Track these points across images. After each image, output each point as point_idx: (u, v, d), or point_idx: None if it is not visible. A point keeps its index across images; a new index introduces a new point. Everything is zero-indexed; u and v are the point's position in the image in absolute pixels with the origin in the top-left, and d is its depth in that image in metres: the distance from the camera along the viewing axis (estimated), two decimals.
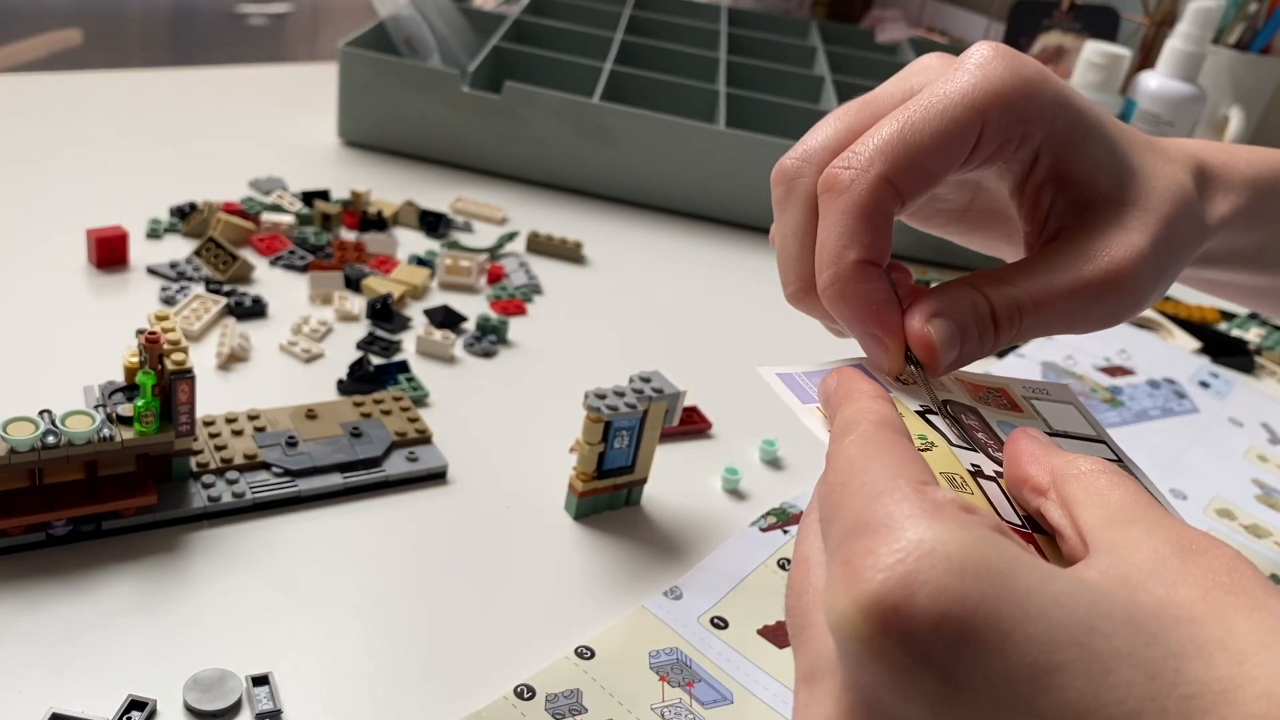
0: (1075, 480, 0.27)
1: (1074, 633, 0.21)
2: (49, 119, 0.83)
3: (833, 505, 0.25)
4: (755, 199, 0.84)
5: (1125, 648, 0.21)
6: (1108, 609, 0.22)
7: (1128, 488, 0.26)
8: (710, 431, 0.59)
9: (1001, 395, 0.35)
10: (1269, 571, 0.55)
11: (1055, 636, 0.21)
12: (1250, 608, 0.22)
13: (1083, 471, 0.27)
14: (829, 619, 0.23)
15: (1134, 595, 0.22)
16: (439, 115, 0.84)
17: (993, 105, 0.32)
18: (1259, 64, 1.01)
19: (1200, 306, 0.85)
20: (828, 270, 0.33)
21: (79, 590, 0.41)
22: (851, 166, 0.32)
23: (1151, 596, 0.23)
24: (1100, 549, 0.25)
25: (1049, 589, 0.22)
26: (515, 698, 0.40)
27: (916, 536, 0.22)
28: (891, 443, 0.27)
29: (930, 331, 0.32)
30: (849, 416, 0.29)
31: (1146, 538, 0.24)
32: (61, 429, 0.41)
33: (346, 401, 0.54)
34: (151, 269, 0.64)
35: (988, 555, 0.22)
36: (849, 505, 0.24)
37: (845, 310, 0.33)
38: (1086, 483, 0.27)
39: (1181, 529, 0.25)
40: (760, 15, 1.16)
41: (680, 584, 0.47)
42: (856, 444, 0.27)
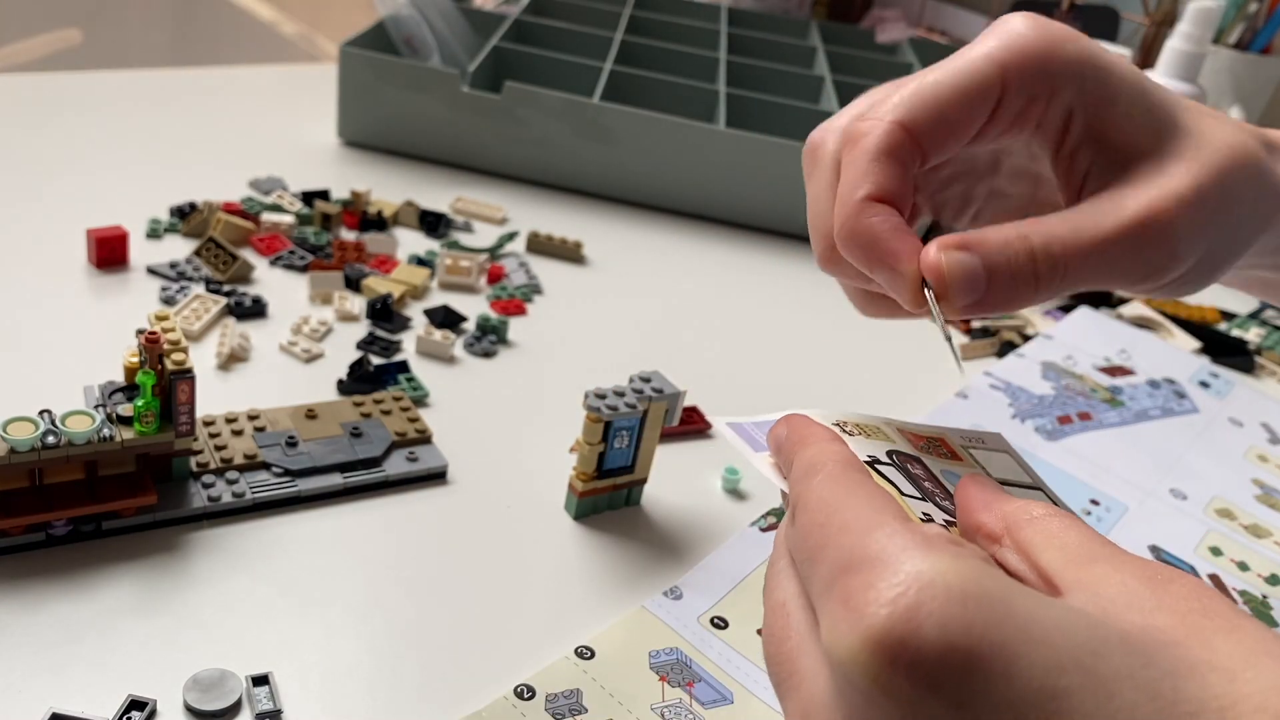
0: (1029, 525, 0.27)
1: (1077, 656, 0.21)
2: (49, 119, 0.83)
3: (814, 545, 0.25)
4: (755, 199, 0.84)
5: (1125, 669, 0.21)
6: (1104, 633, 0.22)
7: (1081, 530, 0.26)
8: (710, 431, 0.59)
9: (941, 445, 0.35)
10: (1269, 571, 0.55)
11: (1060, 661, 0.21)
12: (1227, 630, 0.22)
13: (1035, 516, 0.27)
14: (832, 658, 0.23)
15: (1119, 623, 0.23)
16: (439, 115, 0.84)
17: (1014, 60, 0.32)
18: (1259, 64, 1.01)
19: (1200, 307, 0.85)
20: (840, 213, 0.32)
21: (79, 590, 0.41)
22: (869, 118, 0.32)
23: (1133, 624, 0.23)
24: (1070, 587, 0.25)
25: (1048, 614, 0.22)
26: (515, 698, 0.40)
27: (915, 569, 0.22)
28: (862, 481, 0.27)
29: (942, 260, 0.31)
30: (810, 459, 0.29)
31: (1113, 573, 0.24)
32: (61, 429, 0.41)
33: (346, 401, 0.54)
34: (151, 269, 0.64)
35: (986, 584, 0.22)
36: (835, 543, 0.24)
37: (855, 247, 0.32)
38: (1041, 526, 0.27)
39: (1144, 563, 0.25)
40: (760, 15, 1.16)
41: (680, 584, 0.47)
42: (826, 484, 0.27)
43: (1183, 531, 0.57)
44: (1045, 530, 0.27)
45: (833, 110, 0.90)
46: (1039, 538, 0.26)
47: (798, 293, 0.77)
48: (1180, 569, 0.25)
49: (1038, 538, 0.26)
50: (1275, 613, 0.52)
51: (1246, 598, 0.52)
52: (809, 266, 0.81)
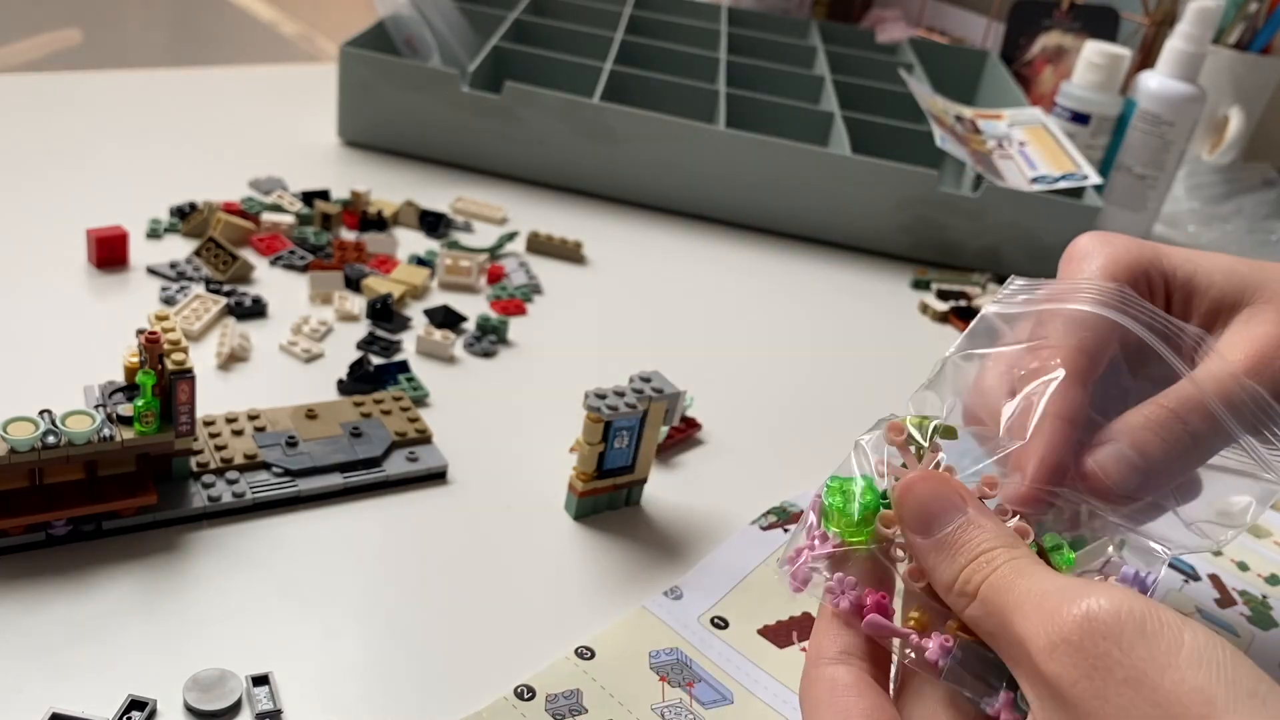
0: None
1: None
2: (49, 119, 0.83)
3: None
4: (755, 199, 0.84)
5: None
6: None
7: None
8: (709, 431, 0.59)
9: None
10: (1269, 571, 0.55)
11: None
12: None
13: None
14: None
15: None
16: (439, 115, 0.84)
17: (1124, 274, 0.37)
18: (1259, 64, 1.01)
19: None
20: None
21: (79, 590, 0.41)
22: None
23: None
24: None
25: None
26: (515, 698, 0.40)
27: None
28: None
29: (1093, 465, 0.33)
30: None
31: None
32: (61, 429, 0.41)
33: (346, 401, 0.54)
34: (151, 269, 0.64)
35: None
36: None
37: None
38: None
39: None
40: (760, 15, 1.16)
41: (680, 584, 0.47)
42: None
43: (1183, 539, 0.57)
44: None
45: (832, 110, 0.90)
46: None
47: (798, 292, 0.77)
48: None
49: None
50: (1275, 613, 0.52)
51: (1246, 598, 0.52)
52: (809, 266, 0.81)
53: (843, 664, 0.30)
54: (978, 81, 1.14)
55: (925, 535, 0.30)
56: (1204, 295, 0.38)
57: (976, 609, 0.28)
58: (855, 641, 0.31)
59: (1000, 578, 0.27)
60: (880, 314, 0.75)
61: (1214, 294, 0.38)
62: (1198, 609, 0.51)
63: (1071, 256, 0.39)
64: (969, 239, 0.82)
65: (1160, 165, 0.95)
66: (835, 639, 0.31)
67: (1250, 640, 0.50)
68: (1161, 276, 0.39)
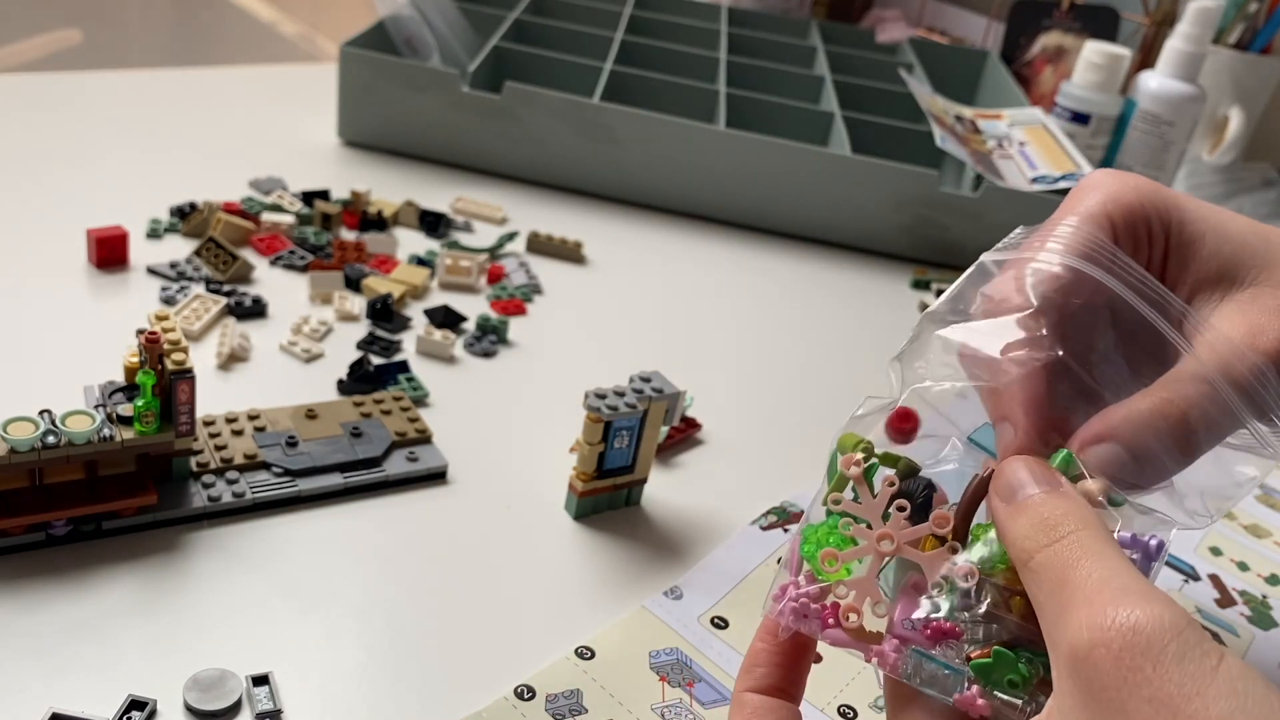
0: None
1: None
2: (49, 119, 0.83)
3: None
4: (755, 199, 0.84)
5: None
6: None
7: None
8: (709, 431, 0.59)
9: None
10: (1269, 571, 0.55)
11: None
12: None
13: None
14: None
15: None
16: (439, 115, 0.84)
17: (1119, 211, 0.36)
18: (1259, 64, 1.01)
19: None
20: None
21: (79, 590, 0.41)
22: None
23: None
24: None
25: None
26: (515, 698, 0.40)
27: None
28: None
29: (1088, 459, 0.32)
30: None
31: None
32: (61, 429, 0.41)
33: (346, 401, 0.54)
34: (151, 269, 0.64)
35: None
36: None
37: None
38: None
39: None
40: (760, 15, 1.16)
41: (680, 584, 0.47)
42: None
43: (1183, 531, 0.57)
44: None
45: (832, 110, 0.90)
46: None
47: (798, 292, 0.77)
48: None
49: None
50: (1275, 613, 0.52)
51: (1246, 598, 0.52)
52: (809, 266, 0.81)
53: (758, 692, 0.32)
54: (978, 81, 1.14)
55: (1008, 501, 0.30)
56: (1206, 261, 0.36)
57: (1037, 570, 0.27)
58: (770, 678, 0.32)
59: (1067, 549, 0.27)
60: (880, 314, 0.75)
61: (1217, 263, 0.36)
62: (1198, 609, 0.51)
63: (1076, 191, 0.37)
64: (969, 239, 0.82)
65: (1160, 165, 0.95)
66: (753, 678, 0.32)
67: (1250, 640, 0.50)
68: (1164, 227, 0.37)
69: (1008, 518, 0.29)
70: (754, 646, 0.33)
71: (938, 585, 0.30)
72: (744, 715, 0.32)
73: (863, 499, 0.32)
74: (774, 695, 0.32)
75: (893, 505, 0.31)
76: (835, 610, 0.31)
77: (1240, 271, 0.36)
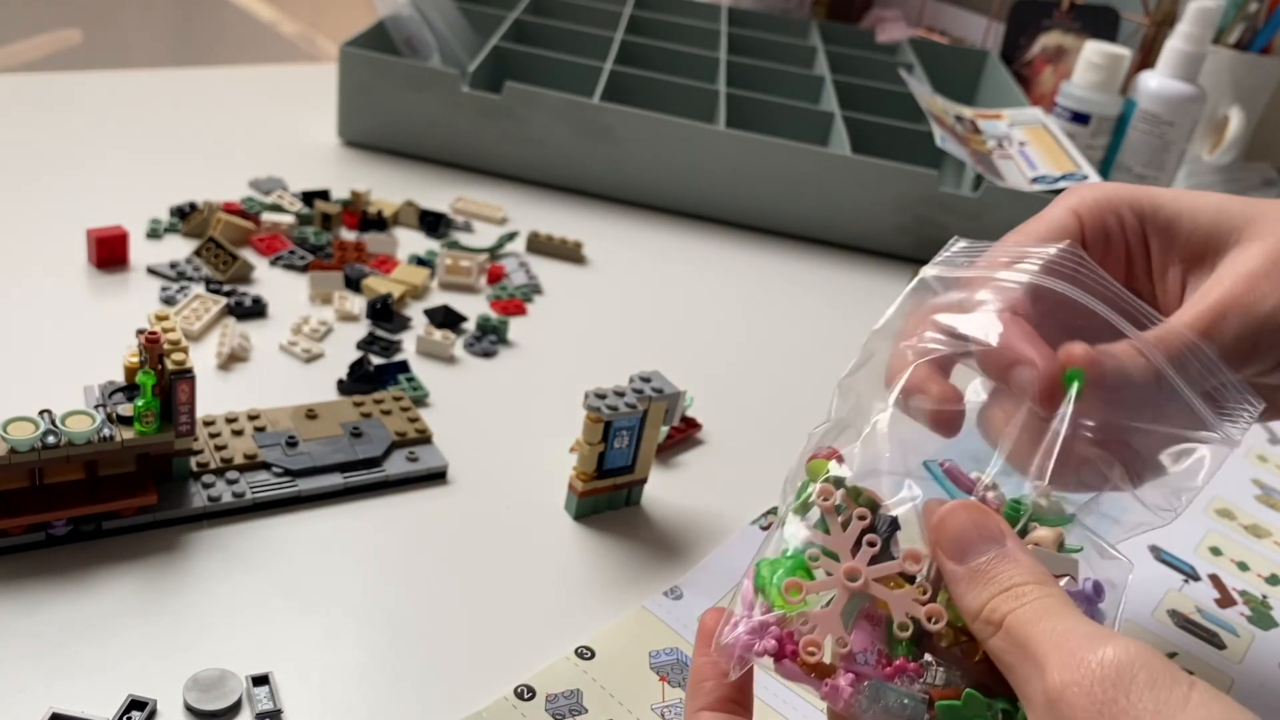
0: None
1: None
2: (49, 119, 0.83)
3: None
4: (755, 199, 0.84)
5: None
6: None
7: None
8: (709, 431, 0.59)
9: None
10: (1269, 571, 0.55)
11: None
12: None
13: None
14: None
15: None
16: (439, 115, 0.84)
17: (1083, 204, 0.38)
18: (1259, 64, 1.01)
19: None
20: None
21: (79, 590, 0.41)
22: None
23: None
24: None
25: None
26: (515, 698, 0.40)
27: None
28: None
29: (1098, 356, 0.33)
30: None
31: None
32: (61, 429, 0.41)
33: (346, 401, 0.54)
34: (151, 269, 0.64)
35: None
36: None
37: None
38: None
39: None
40: (760, 15, 1.16)
41: (680, 584, 0.47)
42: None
43: (1183, 531, 0.57)
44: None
45: (832, 110, 0.90)
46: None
47: (798, 292, 0.77)
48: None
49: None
50: (1275, 613, 0.52)
51: (1246, 598, 0.52)
52: (809, 266, 0.81)
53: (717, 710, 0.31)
54: (978, 81, 1.14)
55: (960, 562, 0.30)
56: (1187, 236, 0.37)
57: (1000, 640, 0.28)
58: (720, 690, 0.32)
59: (1028, 612, 0.28)
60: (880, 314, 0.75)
61: (1199, 235, 0.37)
62: (1198, 609, 0.51)
63: (1047, 207, 0.39)
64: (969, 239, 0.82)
65: (1160, 165, 0.95)
66: (703, 695, 0.32)
67: (1250, 640, 0.50)
68: (1137, 215, 0.38)
69: (965, 585, 0.29)
70: (696, 663, 0.32)
71: (903, 625, 0.30)
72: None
73: (833, 532, 0.31)
74: (727, 710, 0.32)
75: (863, 540, 0.31)
76: (791, 642, 0.30)
77: (1222, 239, 0.37)
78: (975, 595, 0.29)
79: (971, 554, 0.30)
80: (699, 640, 0.33)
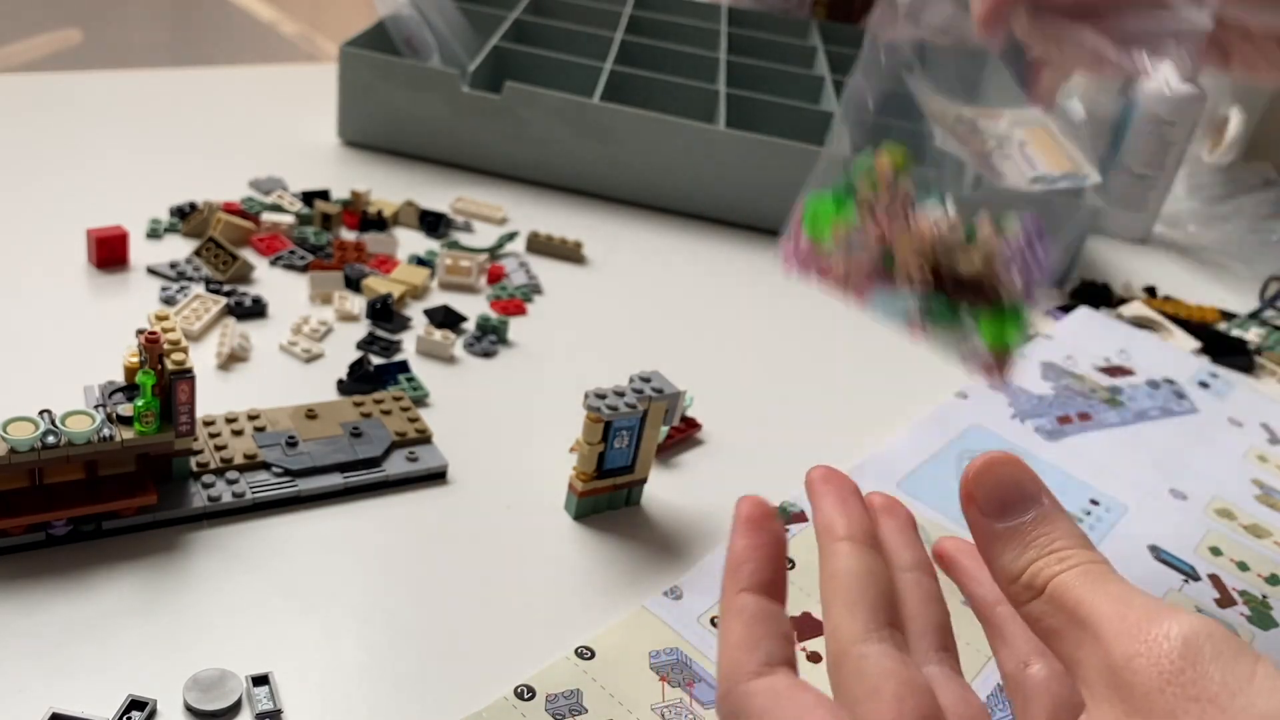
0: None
1: None
2: (49, 119, 0.83)
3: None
4: (755, 199, 0.84)
5: None
6: None
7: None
8: (709, 431, 0.59)
9: None
10: (1269, 571, 0.55)
11: None
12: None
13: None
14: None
15: None
16: (439, 115, 0.84)
17: None
18: None
19: (1200, 307, 0.85)
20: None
21: (79, 590, 0.41)
22: None
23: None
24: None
25: None
26: (515, 698, 0.40)
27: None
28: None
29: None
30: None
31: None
32: (61, 429, 0.41)
33: (346, 401, 0.54)
34: (151, 269, 0.64)
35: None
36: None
37: None
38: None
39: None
40: (760, 15, 1.16)
41: (680, 584, 0.47)
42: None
43: (1183, 531, 0.57)
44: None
45: (832, 110, 0.90)
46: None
47: (797, 292, 0.77)
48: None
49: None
50: (1275, 613, 0.52)
51: (1246, 598, 0.52)
52: None
53: (769, 674, 0.29)
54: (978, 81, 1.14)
55: (999, 520, 0.29)
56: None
57: (1043, 604, 0.28)
58: (776, 651, 0.30)
59: (1075, 577, 0.27)
60: None
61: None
62: (1198, 609, 0.51)
63: None
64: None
65: (1160, 165, 0.95)
66: (755, 651, 0.30)
67: (1250, 640, 0.50)
68: None
69: (1002, 545, 0.29)
70: (735, 545, 0.32)
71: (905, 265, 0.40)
72: (743, 621, 0.30)
73: (881, 193, 0.41)
74: (765, 593, 0.31)
75: (901, 204, 0.40)
76: (827, 270, 0.41)
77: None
78: (1014, 557, 0.28)
79: (1011, 513, 0.29)
80: (738, 525, 0.32)
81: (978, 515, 0.29)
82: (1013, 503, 0.29)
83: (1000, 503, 0.29)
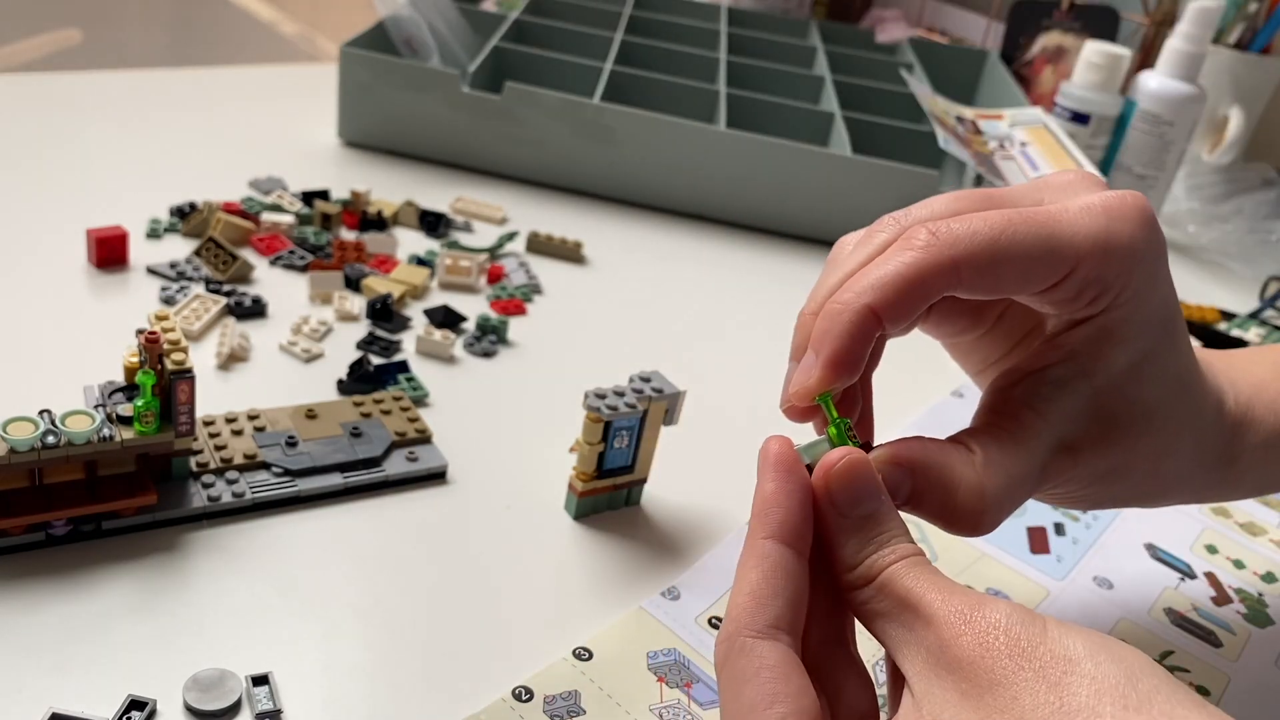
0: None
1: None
2: (49, 119, 0.83)
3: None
4: (755, 199, 0.84)
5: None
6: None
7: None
8: (709, 431, 0.59)
9: None
10: (1265, 569, 0.55)
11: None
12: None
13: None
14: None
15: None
16: (439, 115, 0.84)
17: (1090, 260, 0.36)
18: (1259, 64, 1.01)
19: (1200, 307, 0.85)
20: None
21: (79, 590, 0.41)
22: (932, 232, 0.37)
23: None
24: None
25: None
26: (513, 699, 0.40)
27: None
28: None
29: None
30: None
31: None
32: (61, 429, 0.41)
33: (346, 401, 0.54)
34: (151, 269, 0.64)
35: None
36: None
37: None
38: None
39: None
40: (760, 15, 1.16)
41: (678, 584, 0.47)
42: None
43: (1178, 529, 0.57)
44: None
45: (832, 110, 0.90)
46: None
47: (798, 292, 0.77)
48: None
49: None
50: (1271, 610, 0.52)
51: (1242, 595, 0.53)
52: (809, 266, 0.81)
53: (770, 639, 0.29)
54: (978, 81, 1.14)
55: (848, 513, 0.32)
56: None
57: (872, 590, 0.30)
58: (785, 614, 0.30)
59: (905, 568, 0.30)
60: None
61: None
62: (1194, 607, 0.51)
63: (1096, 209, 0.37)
64: None
65: (1160, 165, 0.95)
66: (765, 609, 0.30)
67: (1246, 638, 0.50)
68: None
69: (847, 535, 0.32)
70: (765, 488, 0.32)
71: None
72: (762, 572, 0.30)
73: None
74: (791, 543, 0.31)
75: None
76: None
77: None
78: (855, 546, 0.31)
79: (860, 505, 0.32)
80: (768, 466, 0.32)
81: (831, 507, 0.32)
82: (862, 500, 0.32)
83: (853, 496, 0.32)
